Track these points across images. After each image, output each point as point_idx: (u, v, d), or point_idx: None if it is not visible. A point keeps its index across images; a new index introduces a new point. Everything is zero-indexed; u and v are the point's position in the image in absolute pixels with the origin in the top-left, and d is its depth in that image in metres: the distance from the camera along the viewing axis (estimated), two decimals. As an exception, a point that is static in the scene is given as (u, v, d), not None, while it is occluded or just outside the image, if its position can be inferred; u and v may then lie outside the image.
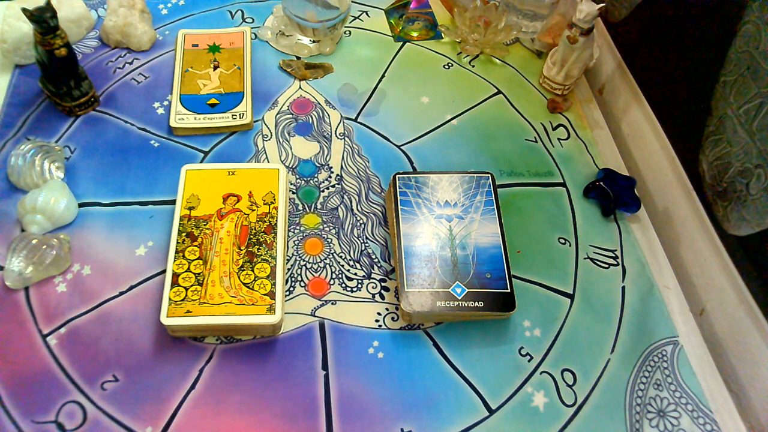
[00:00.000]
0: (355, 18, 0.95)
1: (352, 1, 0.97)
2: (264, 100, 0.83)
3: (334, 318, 0.66)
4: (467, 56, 0.92)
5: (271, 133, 0.80)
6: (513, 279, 0.67)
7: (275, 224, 0.68)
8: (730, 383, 0.67)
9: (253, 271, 0.64)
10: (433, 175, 0.73)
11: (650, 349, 0.66)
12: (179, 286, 0.63)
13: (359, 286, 0.68)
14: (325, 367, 0.62)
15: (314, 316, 0.66)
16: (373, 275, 0.69)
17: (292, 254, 0.70)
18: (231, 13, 0.94)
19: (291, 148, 0.79)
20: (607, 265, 0.73)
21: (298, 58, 0.89)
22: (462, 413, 0.61)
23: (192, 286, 0.63)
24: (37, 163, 0.71)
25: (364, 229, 0.73)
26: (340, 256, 0.70)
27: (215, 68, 0.84)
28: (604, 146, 0.84)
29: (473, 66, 0.91)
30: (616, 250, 0.74)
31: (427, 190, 0.72)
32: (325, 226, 0.73)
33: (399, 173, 0.73)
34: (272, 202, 0.69)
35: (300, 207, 0.74)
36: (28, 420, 0.57)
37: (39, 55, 0.74)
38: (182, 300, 0.62)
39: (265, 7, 0.94)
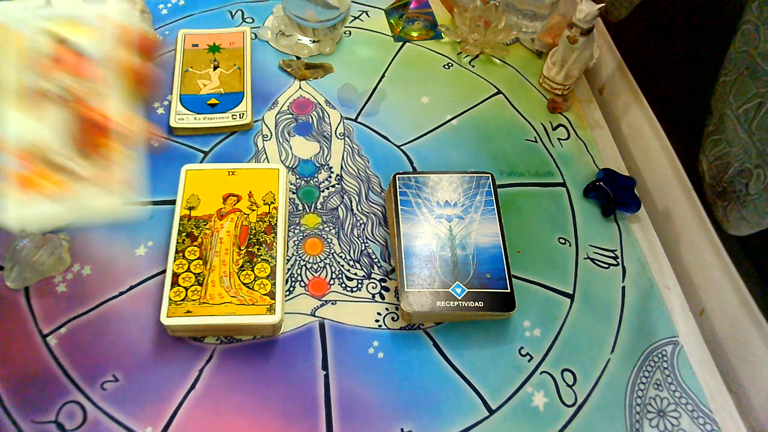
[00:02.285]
0: (355, 18, 0.95)
1: (352, 1, 0.97)
2: (264, 100, 0.83)
3: (334, 318, 0.66)
4: (467, 56, 0.92)
5: (271, 133, 0.80)
6: (513, 279, 0.67)
7: (275, 224, 0.68)
8: (730, 383, 0.67)
9: (253, 271, 0.64)
10: (433, 175, 0.73)
11: (650, 349, 0.66)
12: (179, 286, 0.63)
13: (359, 286, 0.68)
14: (325, 367, 0.62)
15: (314, 316, 0.66)
16: (373, 275, 0.69)
17: (292, 254, 0.70)
18: (231, 13, 0.94)
19: (291, 148, 0.79)
20: (607, 265, 0.73)
21: (298, 58, 0.89)
22: (462, 413, 0.61)
23: (192, 286, 0.63)
24: (37, 163, 0.71)
25: (364, 229, 0.73)
26: (340, 256, 0.70)
27: (215, 68, 0.84)
28: (604, 146, 0.84)
29: (473, 66, 0.91)
30: (616, 250, 0.74)
31: (427, 190, 0.72)
32: (325, 226, 0.73)
33: (399, 173, 0.73)
34: (272, 202, 0.69)
35: (300, 207, 0.74)
36: (28, 420, 0.57)
37: (39, 55, 0.74)
38: (182, 300, 0.62)
39: (265, 7, 0.94)
